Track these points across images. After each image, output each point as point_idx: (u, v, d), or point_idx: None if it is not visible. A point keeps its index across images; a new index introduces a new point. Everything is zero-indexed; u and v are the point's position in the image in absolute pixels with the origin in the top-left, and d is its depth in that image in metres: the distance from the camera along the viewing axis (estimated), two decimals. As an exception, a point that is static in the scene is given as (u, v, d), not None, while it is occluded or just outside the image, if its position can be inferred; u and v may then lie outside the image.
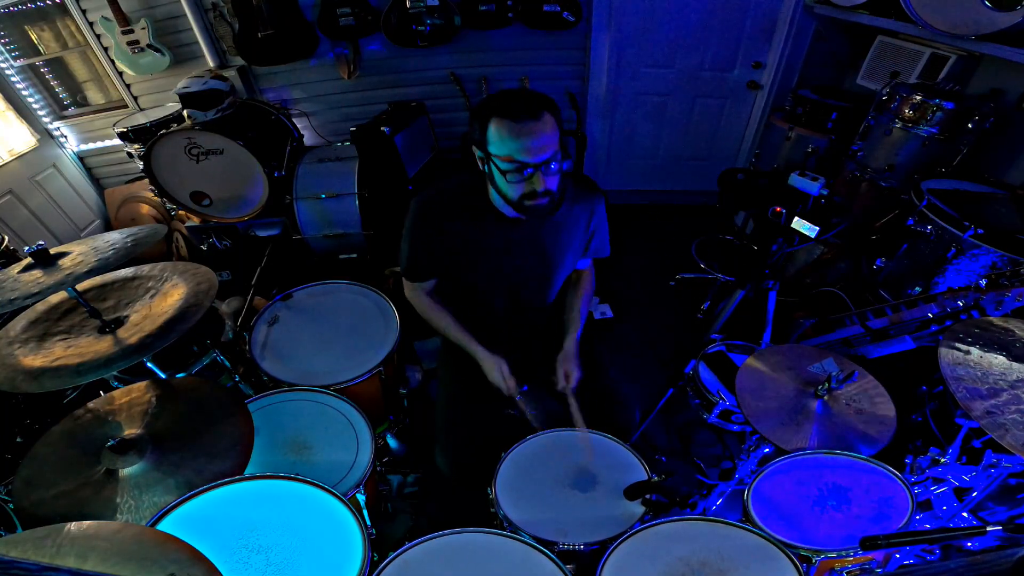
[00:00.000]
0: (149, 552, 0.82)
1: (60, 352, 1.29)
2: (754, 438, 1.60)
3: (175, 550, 0.84)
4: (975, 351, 1.27)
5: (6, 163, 3.26)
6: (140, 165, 2.83)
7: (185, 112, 2.75)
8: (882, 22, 2.47)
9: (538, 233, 1.42)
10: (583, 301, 1.64)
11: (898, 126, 2.33)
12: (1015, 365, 1.22)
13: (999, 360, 1.24)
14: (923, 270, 2.03)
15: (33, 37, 3.35)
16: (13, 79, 3.35)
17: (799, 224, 1.88)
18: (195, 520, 1.08)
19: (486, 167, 1.27)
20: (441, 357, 1.74)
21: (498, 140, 1.19)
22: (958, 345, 1.28)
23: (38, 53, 3.39)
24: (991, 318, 1.42)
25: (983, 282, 1.70)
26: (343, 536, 1.10)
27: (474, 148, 1.29)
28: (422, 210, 1.41)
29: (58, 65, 3.47)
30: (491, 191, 1.35)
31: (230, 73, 3.25)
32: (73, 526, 0.84)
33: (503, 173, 1.22)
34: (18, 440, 1.77)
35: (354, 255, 2.98)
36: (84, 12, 3.15)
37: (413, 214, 1.42)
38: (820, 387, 1.39)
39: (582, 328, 1.60)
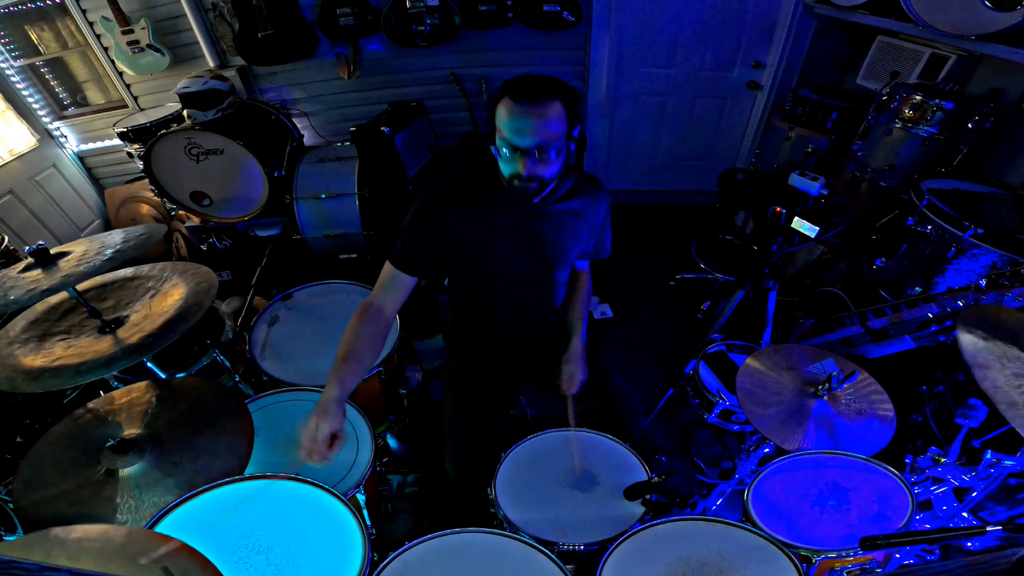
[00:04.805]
0: (141, 550, 0.82)
1: (60, 352, 1.29)
2: (754, 438, 1.60)
3: (166, 546, 0.83)
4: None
5: (6, 163, 3.26)
6: (140, 165, 2.82)
7: (185, 112, 2.75)
8: (882, 22, 2.47)
9: (542, 223, 1.42)
10: (583, 302, 1.65)
11: (898, 126, 2.33)
12: None
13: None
14: (923, 270, 2.03)
15: (33, 37, 3.35)
16: (13, 79, 3.35)
17: (799, 224, 1.88)
18: (195, 520, 1.09)
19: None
20: (446, 360, 1.74)
21: (500, 117, 1.21)
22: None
23: (38, 53, 3.39)
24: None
25: (983, 282, 1.70)
26: (343, 536, 1.10)
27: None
28: (430, 197, 1.40)
29: (58, 65, 3.47)
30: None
31: (230, 73, 3.25)
32: (61, 531, 0.83)
33: (498, 150, 1.24)
34: (18, 440, 1.77)
35: (354, 255, 2.98)
36: (84, 12, 3.15)
37: (423, 198, 1.40)
38: (820, 387, 1.39)
39: (585, 329, 1.60)
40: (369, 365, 1.34)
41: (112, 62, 3.31)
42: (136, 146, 3.04)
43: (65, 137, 3.66)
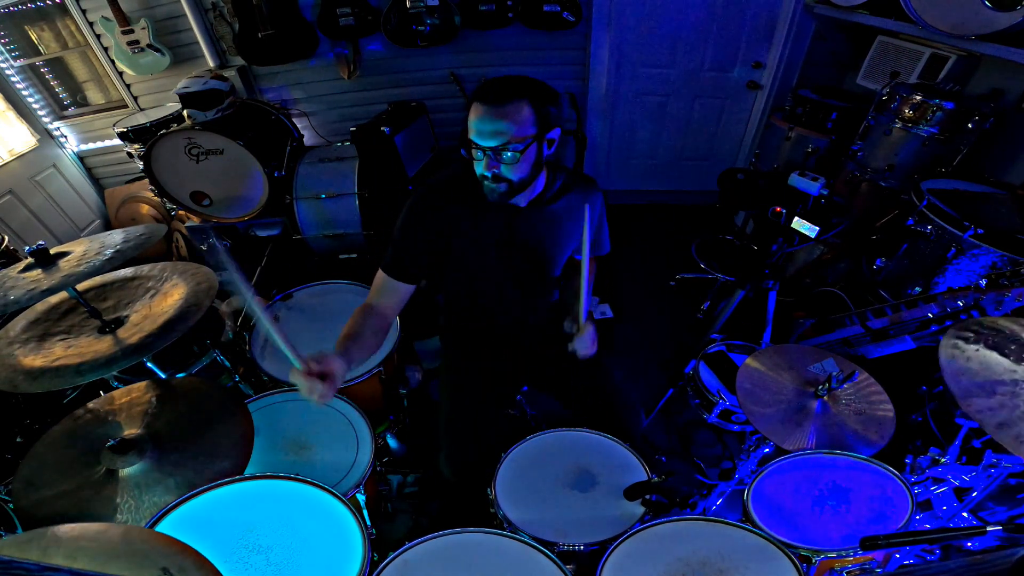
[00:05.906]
0: (139, 549, 0.82)
1: (60, 352, 1.29)
2: (754, 438, 1.60)
3: (166, 546, 0.83)
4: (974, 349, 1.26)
5: (6, 163, 3.26)
6: (140, 165, 2.82)
7: (185, 112, 2.75)
8: (882, 22, 2.47)
9: (535, 223, 1.42)
10: (585, 283, 1.64)
11: (898, 126, 2.33)
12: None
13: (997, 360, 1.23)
14: (923, 270, 2.03)
15: (33, 37, 3.35)
16: (13, 79, 3.35)
17: (799, 224, 1.88)
18: (195, 520, 1.09)
19: None
20: (443, 359, 1.74)
21: (470, 117, 1.23)
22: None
23: (38, 53, 3.39)
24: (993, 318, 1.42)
25: (983, 282, 1.70)
26: (343, 536, 1.10)
27: None
28: (419, 201, 1.40)
29: (58, 65, 3.47)
30: None
31: (230, 73, 3.25)
32: (59, 529, 0.83)
33: (469, 151, 1.25)
34: (18, 440, 1.77)
35: (354, 255, 2.98)
36: (84, 12, 3.15)
37: (412, 202, 1.40)
38: (820, 387, 1.39)
39: (587, 310, 1.58)
40: (372, 347, 1.36)
41: (112, 62, 3.30)
42: (136, 146, 3.03)
43: (65, 137, 3.66)
